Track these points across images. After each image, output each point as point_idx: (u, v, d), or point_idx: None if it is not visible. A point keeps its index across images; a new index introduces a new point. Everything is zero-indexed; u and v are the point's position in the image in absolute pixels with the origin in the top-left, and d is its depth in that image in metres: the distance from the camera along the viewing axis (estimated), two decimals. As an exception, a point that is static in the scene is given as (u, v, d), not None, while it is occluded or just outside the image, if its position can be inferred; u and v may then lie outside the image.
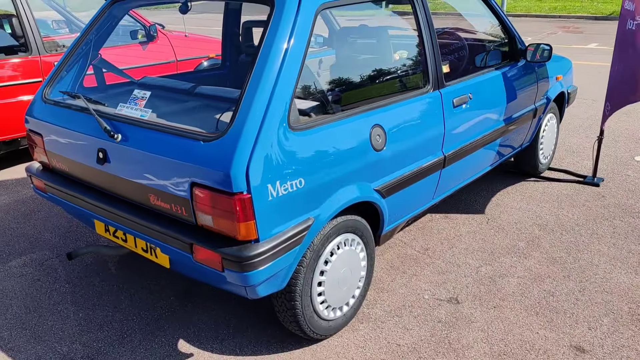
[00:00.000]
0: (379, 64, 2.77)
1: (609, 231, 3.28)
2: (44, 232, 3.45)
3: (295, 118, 2.04)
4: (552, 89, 3.85)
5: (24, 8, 4.32)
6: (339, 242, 2.30)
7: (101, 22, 2.76)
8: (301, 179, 2.01)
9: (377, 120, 2.33)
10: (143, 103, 2.23)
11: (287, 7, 2.05)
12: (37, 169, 2.72)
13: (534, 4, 17.54)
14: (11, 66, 4.31)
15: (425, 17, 2.65)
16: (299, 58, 2.03)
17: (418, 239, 3.26)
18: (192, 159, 1.93)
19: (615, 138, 4.94)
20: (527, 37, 11.80)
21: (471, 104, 2.92)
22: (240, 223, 1.88)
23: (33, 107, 2.64)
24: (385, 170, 2.42)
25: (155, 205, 2.14)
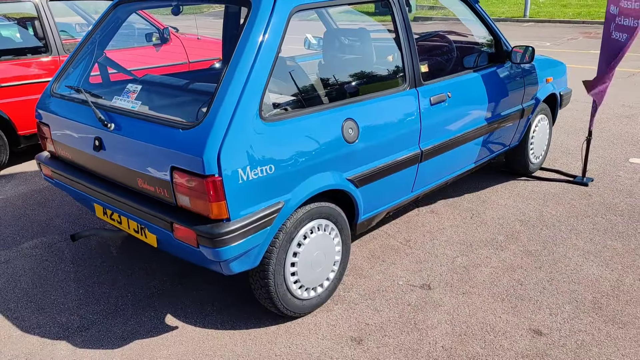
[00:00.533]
0: (359, 63, 2.95)
1: (588, 227, 3.38)
2: (55, 219, 3.73)
3: (268, 110, 2.24)
4: (541, 90, 3.96)
5: (45, 13, 4.64)
6: (312, 226, 2.48)
7: (106, 22, 3.01)
8: (271, 165, 2.20)
9: (349, 114, 2.51)
10: (134, 96, 2.46)
11: (262, 9, 2.25)
12: (46, 157, 2.99)
13: (558, 10, 17.41)
14: (33, 66, 4.62)
15: (402, 21, 2.82)
16: (272, 55, 2.23)
17: (402, 231, 3.42)
18: (172, 145, 2.15)
19: (614, 140, 5.00)
20: (546, 42, 11.79)
21: (450, 102, 3.07)
22: (213, 203, 2.09)
23: (42, 101, 2.90)
24: (358, 162, 2.59)
25: (142, 188, 2.36)
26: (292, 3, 2.33)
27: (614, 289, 2.73)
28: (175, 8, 2.67)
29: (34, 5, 4.64)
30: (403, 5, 2.85)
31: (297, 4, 2.35)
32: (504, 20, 16.51)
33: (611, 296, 2.67)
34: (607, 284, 2.78)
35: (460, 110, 3.17)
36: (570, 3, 18.01)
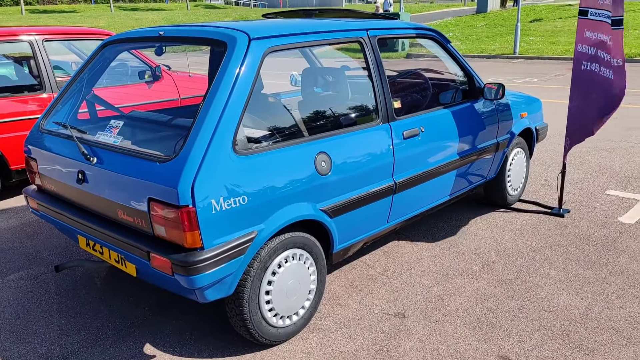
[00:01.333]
0: (334, 100, 3.10)
1: (561, 257, 3.46)
2: (42, 251, 3.81)
3: (242, 144, 2.36)
4: (516, 124, 4.11)
5: (40, 52, 4.83)
6: (287, 255, 2.57)
7: (95, 61, 3.16)
8: (244, 196, 2.31)
9: (322, 148, 2.64)
10: (117, 131, 2.59)
11: (237, 50, 2.40)
12: (33, 190, 3.09)
13: (547, 47, 17.84)
14: (28, 103, 4.78)
15: (374, 60, 2.98)
16: (246, 92, 2.36)
17: (381, 261, 3.50)
18: (149, 177, 2.26)
19: (592, 173, 5.13)
20: (534, 78, 12.09)
21: (423, 136, 3.20)
22: (187, 232, 2.18)
23: (31, 136, 3.03)
24: (332, 193, 2.70)
25: (122, 219, 2.46)
26: (265, 45, 2.49)
27: (582, 317, 2.80)
28: (159, 49, 2.83)
29: (29, 45, 4.83)
30: (375, 45, 3.01)
31: (270, 46, 2.50)
32: (495, 57, 16.93)
33: (579, 323, 2.74)
34: (576, 311, 2.85)
35: (434, 144, 3.30)
36: (559, 40, 18.47)
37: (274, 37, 2.55)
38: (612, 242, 3.65)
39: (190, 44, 2.65)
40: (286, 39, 2.61)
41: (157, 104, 5.43)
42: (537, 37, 19.52)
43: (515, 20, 17.27)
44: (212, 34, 2.55)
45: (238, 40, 2.43)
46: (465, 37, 21.03)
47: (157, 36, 2.80)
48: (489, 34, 21.35)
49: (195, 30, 2.66)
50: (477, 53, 17.60)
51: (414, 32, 3.43)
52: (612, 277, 3.19)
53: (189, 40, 2.66)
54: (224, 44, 2.45)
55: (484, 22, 24.42)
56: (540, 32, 20.43)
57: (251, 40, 2.45)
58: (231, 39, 2.44)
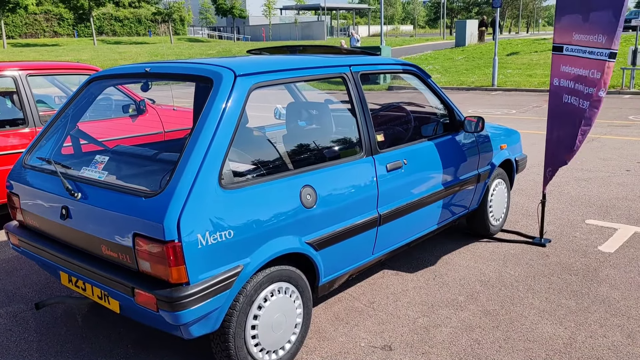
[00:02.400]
0: (318, 134, 3.15)
1: (544, 287, 3.50)
2: (22, 288, 3.73)
3: (228, 178, 2.38)
4: (496, 156, 4.20)
5: (23, 86, 4.83)
6: (272, 289, 2.56)
7: (80, 97, 3.18)
8: (230, 230, 2.32)
9: (307, 181, 2.67)
10: (102, 166, 2.59)
11: (222, 86, 2.44)
12: (14, 226, 3.06)
13: (524, 79, 18.31)
14: (10, 137, 4.75)
15: (357, 94, 3.05)
16: (231, 128, 2.40)
17: (366, 293, 3.50)
18: (134, 213, 2.26)
19: (572, 202, 5.23)
20: (513, 109, 12.36)
21: (406, 169, 3.25)
22: (172, 267, 2.18)
23: (13, 172, 3.01)
24: (317, 226, 2.72)
25: (106, 254, 2.45)
26: (250, 81, 2.54)
27: (567, 346, 2.82)
28: (144, 85, 2.86)
29: (12, 80, 4.83)
30: (358, 80, 3.09)
31: (255, 82, 2.55)
32: (474, 90, 17.30)
33: (563, 353, 2.76)
34: (560, 341, 2.87)
35: (417, 176, 3.35)
36: (536, 73, 18.98)
37: (259, 74, 2.61)
38: (593, 271, 3.71)
39: (176, 80, 2.69)
40: (271, 75, 2.66)
41: (142, 138, 5.43)
42: (514, 70, 20.04)
43: (493, 53, 17.73)
44: (199, 70, 2.59)
45: (224, 76, 2.48)
46: (445, 70, 21.50)
47: (143, 72, 2.84)
48: (468, 66, 21.87)
49: (181, 66, 2.71)
50: (457, 85, 17.98)
51: (394, 67, 3.52)
52: (594, 306, 3.23)
53: (175, 77, 2.70)
54: (210, 80, 2.49)
55: (462, 55, 25.04)
56: (517, 65, 20.99)
57: (237, 77, 2.50)
58: (217, 76, 2.49)
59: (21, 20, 49.83)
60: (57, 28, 52.70)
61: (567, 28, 3.73)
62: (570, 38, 3.69)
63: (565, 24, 3.74)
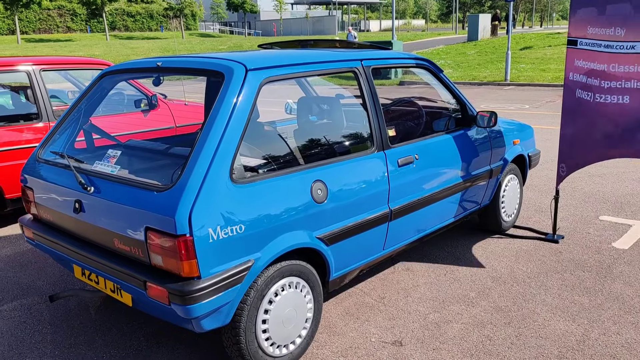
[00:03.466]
0: (329, 128, 3.14)
1: (557, 283, 3.47)
2: (37, 281, 3.78)
3: (239, 173, 2.38)
4: (509, 151, 4.16)
5: (37, 81, 4.87)
6: (283, 284, 2.57)
7: (93, 91, 3.20)
8: (241, 225, 2.32)
9: (318, 176, 2.66)
10: (114, 160, 2.61)
11: (234, 80, 2.44)
12: (29, 220, 3.09)
13: (537, 74, 18.14)
14: (24, 132, 4.80)
15: (369, 89, 3.03)
16: (242, 122, 2.40)
17: (377, 288, 3.49)
18: (146, 207, 2.27)
19: (585, 198, 5.17)
20: (526, 105, 12.25)
21: (417, 164, 3.24)
22: (184, 261, 2.19)
23: (28, 165, 3.04)
24: (328, 221, 2.71)
25: (118, 248, 2.46)
26: (261, 75, 2.53)
27: (580, 344, 2.79)
28: (156, 79, 2.87)
29: (26, 75, 4.87)
30: (369, 74, 3.07)
31: (266, 77, 2.55)
32: (486, 84, 17.16)
33: (577, 350, 2.74)
34: (573, 338, 2.85)
35: (428, 171, 3.34)
36: (549, 68, 18.79)
37: (270, 68, 2.60)
38: (606, 268, 3.67)
39: (187, 74, 2.69)
40: (282, 70, 2.66)
41: (154, 132, 5.47)
42: (528, 65, 19.85)
43: (506, 48, 17.56)
44: (210, 65, 2.60)
45: (235, 71, 2.48)
46: (457, 65, 21.35)
47: (155, 67, 2.85)
48: (480, 61, 21.70)
49: (193, 61, 2.71)
50: (469, 80, 17.85)
51: (406, 61, 3.50)
52: (608, 303, 3.20)
53: (186, 71, 2.70)
54: (221, 74, 2.49)
55: (475, 50, 24.84)
56: (531, 60, 20.79)
57: (248, 71, 2.50)
58: (228, 70, 2.49)
59: (35, 16, 50.26)
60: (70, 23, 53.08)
61: (581, 21, 3.68)
62: (585, 32, 3.64)
63: (581, 18, 3.69)
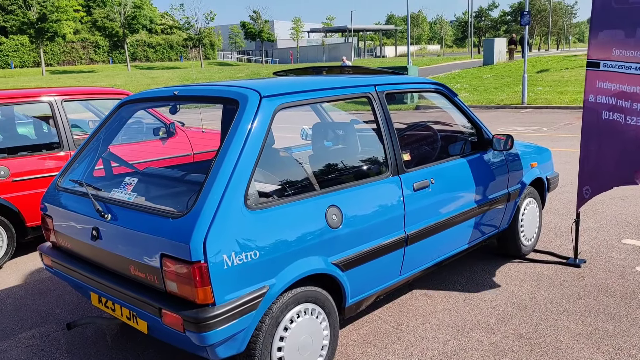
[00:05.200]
0: (344, 154, 3.15)
1: (580, 309, 3.38)
2: (55, 308, 3.80)
3: (254, 198, 2.39)
4: (527, 174, 4.12)
5: (59, 111, 4.99)
6: (299, 310, 2.55)
7: (112, 120, 3.26)
8: (256, 251, 2.32)
9: (333, 201, 2.66)
10: (131, 188, 2.64)
11: (248, 107, 2.48)
12: (48, 247, 3.13)
13: (554, 96, 18.03)
14: (46, 161, 4.90)
15: (383, 114, 3.04)
16: (257, 149, 2.42)
17: (395, 315, 3.44)
18: (162, 233, 2.29)
19: (607, 222, 5.07)
20: (544, 127, 12.16)
21: (433, 188, 3.22)
22: (198, 288, 2.19)
23: (47, 194, 3.09)
24: (343, 246, 2.70)
25: (134, 275, 2.47)
26: (275, 102, 2.56)
27: (605, 372, 2.71)
28: (173, 108, 2.92)
29: (49, 105, 5.00)
30: (383, 100, 3.09)
31: (280, 103, 2.58)
32: (503, 108, 17.10)
33: (602, 379, 2.65)
34: (598, 366, 2.76)
35: (444, 196, 3.31)
36: (567, 90, 18.68)
37: (284, 95, 2.63)
38: (631, 293, 3.57)
39: (203, 102, 2.73)
40: (296, 96, 2.69)
41: (171, 160, 5.54)
42: (545, 87, 19.76)
43: (522, 71, 17.54)
44: (225, 92, 2.64)
45: (249, 98, 2.51)
46: (473, 88, 21.35)
47: (171, 96, 2.90)
48: (497, 84, 21.67)
49: (208, 89, 2.76)
50: (486, 103, 17.81)
51: (420, 86, 3.51)
52: (634, 330, 3.11)
53: (202, 99, 2.75)
54: (236, 102, 2.53)
55: (491, 73, 24.84)
56: (548, 82, 20.70)
57: (262, 98, 2.53)
58: (243, 97, 2.52)
59: (59, 49, 51.81)
60: (93, 55, 54.57)
61: (605, 44, 3.67)
62: (609, 54, 3.63)
63: (603, 40, 3.68)
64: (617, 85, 3.65)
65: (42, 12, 39.36)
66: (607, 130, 3.75)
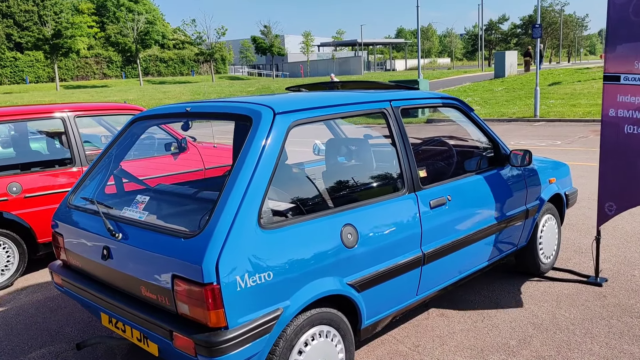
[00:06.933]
0: (358, 170, 3.08)
1: (604, 331, 3.27)
2: (65, 327, 3.75)
3: (267, 218, 2.33)
4: (545, 191, 4.02)
5: (72, 127, 4.99)
6: (313, 333, 2.47)
7: (124, 137, 3.23)
8: (270, 272, 2.25)
9: (348, 220, 2.59)
10: (142, 206, 2.59)
11: (262, 124, 2.42)
12: (58, 266, 3.08)
13: (567, 109, 17.87)
14: (58, 177, 4.89)
15: (398, 130, 2.98)
16: (271, 166, 2.36)
17: (411, 336, 3.35)
18: (173, 254, 2.23)
19: (627, 238, 4.94)
20: (557, 141, 12.02)
21: (450, 205, 3.14)
22: (211, 311, 2.12)
23: (58, 211, 3.05)
24: (359, 266, 2.62)
25: (145, 296, 2.42)
26: (289, 119, 2.51)
27: (633, 398, 2.59)
28: (185, 125, 2.88)
29: (61, 121, 5.00)
30: (398, 115, 3.03)
31: (294, 120, 2.53)
32: (515, 121, 16.97)
33: (630, 406, 2.53)
34: (626, 392, 2.64)
35: (462, 213, 3.23)
36: (580, 103, 18.52)
37: (298, 111, 2.58)
38: (656, 314, 3.45)
39: (216, 119, 2.69)
40: (310, 112, 2.63)
41: (183, 175, 5.51)
42: (557, 100, 19.62)
43: (534, 84, 17.42)
44: (238, 109, 2.59)
45: (263, 114, 2.46)
46: (485, 102, 21.26)
47: (184, 112, 2.86)
48: (508, 97, 21.56)
49: (221, 105, 2.71)
50: (497, 117, 17.69)
51: (436, 101, 3.45)
52: (661, 353, 2.99)
53: (214, 116, 2.70)
54: (249, 118, 2.48)
55: (502, 86, 24.74)
56: (560, 95, 20.55)
57: (276, 115, 2.48)
58: (256, 114, 2.48)
59: (73, 64, 52.56)
60: (106, 70, 55.29)
61: (625, 57, 3.58)
62: (630, 67, 3.54)
63: (623, 53, 3.60)
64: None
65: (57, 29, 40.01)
66: (632, 144, 3.65)
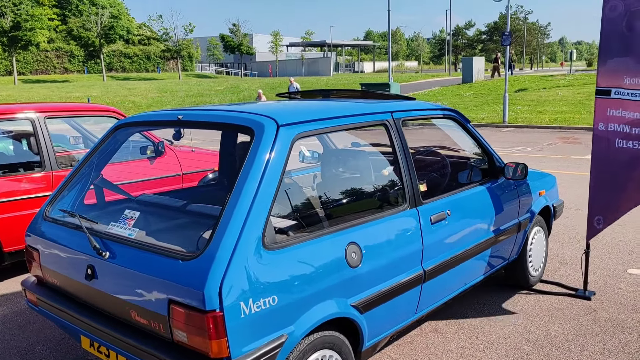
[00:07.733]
0: (358, 185, 2.96)
1: (599, 347, 3.24)
2: (36, 345, 3.49)
3: (271, 237, 2.18)
4: (536, 203, 3.99)
5: (41, 129, 4.69)
6: (315, 358, 2.33)
7: (106, 144, 3.01)
8: (274, 296, 2.10)
9: (352, 238, 2.46)
10: (132, 222, 2.40)
11: (265, 137, 2.27)
12: (32, 283, 2.84)
13: (534, 116, 18.24)
14: (25, 181, 4.58)
15: (400, 143, 2.87)
16: (275, 182, 2.21)
17: (406, 353, 3.24)
18: (170, 277, 2.05)
19: (609, 250, 4.98)
20: (527, 147, 12.20)
21: (450, 220, 3.05)
22: (213, 340, 1.96)
23: (33, 224, 2.82)
24: (362, 287, 2.50)
25: (135, 321, 2.22)
26: (293, 131, 2.36)
27: (639, 421, 2.55)
28: (177, 134, 2.69)
29: (30, 122, 4.69)
30: (399, 127, 2.92)
31: (298, 132, 2.38)
32: (485, 126, 17.20)
33: None
34: (630, 414, 2.60)
35: (460, 227, 3.14)
36: (546, 110, 18.93)
37: (302, 123, 2.44)
38: (648, 329, 3.44)
39: (212, 129, 2.52)
40: (314, 124, 2.49)
41: (160, 180, 5.27)
42: (524, 107, 20.00)
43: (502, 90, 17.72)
44: (238, 119, 2.43)
45: (266, 127, 2.31)
46: (454, 106, 21.48)
47: (175, 120, 2.68)
48: (477, 103, 21.87)
49: (218, 114, 2.54)
50: (467, 122, 17.90)
51: (435, 112, 3.36)
52: (658, 371, 2.97)
53: (211, 126, 2.53)
54: (251, 130, 2.32)
55: (470, 91, 25.11)
56: (527, 102, 20.97)
57: (280, 127, 2.33)
58: (259, 126, 2.32)
59: (32, 57, 50.72)
60: (68, 65, 53.58)
61: (615, 72, 3.58)
62: (620, 82, 3.54)
63: (613, 68, 3.59)
64: (631, 114, 3.56)
65: (16, 20, 38.49)
66: (622, 158, 3.65)
